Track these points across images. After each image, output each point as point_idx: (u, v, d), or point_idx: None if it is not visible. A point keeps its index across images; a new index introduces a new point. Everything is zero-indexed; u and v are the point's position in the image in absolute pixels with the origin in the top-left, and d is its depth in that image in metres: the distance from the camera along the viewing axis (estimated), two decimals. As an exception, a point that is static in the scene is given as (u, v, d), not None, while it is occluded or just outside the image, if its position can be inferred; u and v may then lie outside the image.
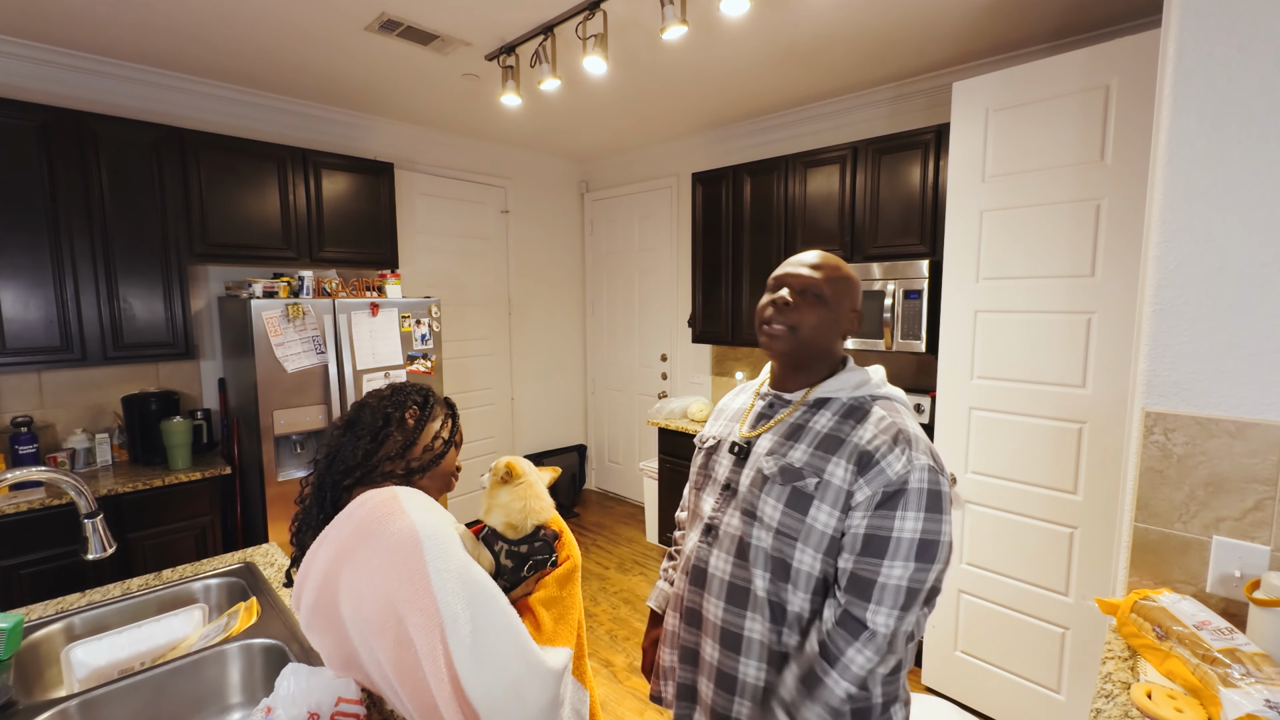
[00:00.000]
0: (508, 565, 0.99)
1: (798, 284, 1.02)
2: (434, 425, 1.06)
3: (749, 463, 1.04)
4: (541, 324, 4.55)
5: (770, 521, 0.97)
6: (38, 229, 2.31)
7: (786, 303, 1.01)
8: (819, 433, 0.99)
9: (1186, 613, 1.10)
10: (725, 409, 1.21)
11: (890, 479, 0.90)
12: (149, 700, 1.10)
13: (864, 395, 1.01)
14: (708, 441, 1.16)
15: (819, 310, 1.01)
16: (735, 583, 1.00)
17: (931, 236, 2.56)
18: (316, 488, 1.01)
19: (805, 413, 1.03)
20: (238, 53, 2.53)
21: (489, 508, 1.04)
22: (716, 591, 1.02)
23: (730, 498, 1.05)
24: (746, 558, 0.99)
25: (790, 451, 0.99)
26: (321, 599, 0.89)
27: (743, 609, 0.99)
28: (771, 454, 1.01)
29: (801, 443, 0.99)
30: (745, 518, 1.00)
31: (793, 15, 2.23)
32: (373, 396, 1.06)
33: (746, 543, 0.99)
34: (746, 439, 1.07)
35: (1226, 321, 1.16)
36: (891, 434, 0.93)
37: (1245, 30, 1.12)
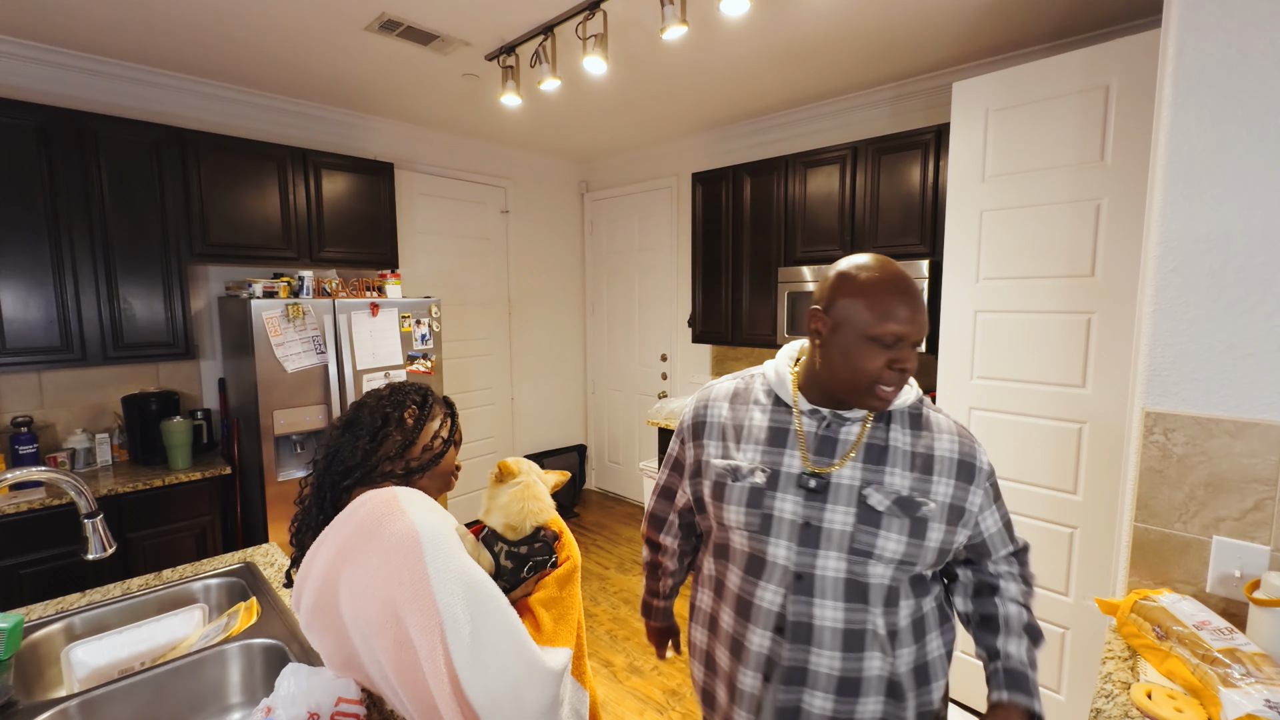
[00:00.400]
0: (508, 566, 0.99)
1: (915, 341, 0.92)
2: (433, 424, 1.06)
3: (835, 497, 0.95)
4: (541, 324, 4.55)
5: (894, 556, 0.92)
6: (38, 229, 2.31)
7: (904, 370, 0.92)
8: (906, 452, 0.96)
9: (1186, 613, 1.10)
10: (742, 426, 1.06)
11: (988, 472, 0.98)
12: (149, 700, 1.10)
13: (914, 401, 1.01)
14: (751, 477, 1.00)
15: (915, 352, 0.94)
16: (851, 628, 0.93)
17: (931, 236, 2.56)
18: (316, 488, 1.01)
19: (875, 430, 0.98)
20: (238, 53, 2.53)
21: (488, 508, 1.04)
22: (830, 644, 0.93)
23: (815, 538, 0.95)
24: (865, 599, 0.93)
25: (889, 478, 0.94)
26: (322, 599, 0.89)
27: (861, 651, 0.93)
28: (871, 484, 0.94)
29: (895, 466, 0.95)
30: (857, 558, 0.93)
31: (792, 15, 2.23)
32: (371, 396, 1.06)
33: (862, 583, 0.93)
34: (817, 471, 0.97)
35: (1226, 321, 1.16)
36: (966, 435, 0.99)
37: (1245, 30, 1.12)
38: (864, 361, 0.91)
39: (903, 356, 0.91)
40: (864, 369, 0.91)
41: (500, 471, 1.07)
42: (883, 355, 0.91)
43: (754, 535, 0.99)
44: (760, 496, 0.99)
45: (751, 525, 1.00)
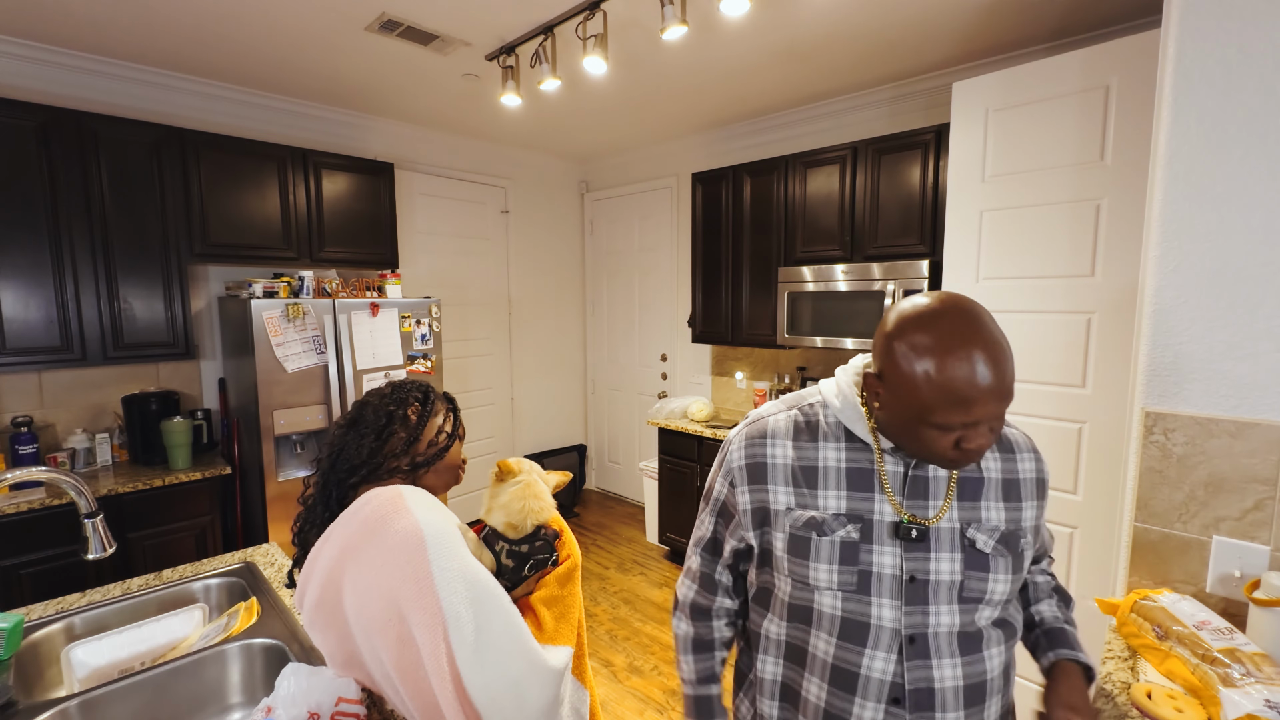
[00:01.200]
0: (509, 565, 0.99)
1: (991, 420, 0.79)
2: (436, 420, 1.07)
3: (936, 543, 0.85)
4: (541, 324, 4.55)
5: (1002, 596, 0.86)
6: (38, 229, 2.31)
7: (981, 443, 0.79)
8: (995, 481, 0.90)
9: (1186, 613, 1.10)
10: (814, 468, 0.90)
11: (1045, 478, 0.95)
12: (149, 700, 1.10)
13: None
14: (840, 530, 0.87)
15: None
16: (972, 682, 0.85)
17: (931, 236, 2.56)
18: (321, 486, 1.02)
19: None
20: (238, 53, 2.53)
21: (489, 507, 1.05)
22: (953, 704, 0.84)
23: (923, 593, 0.85)
24: (978, 647, 0.85)
25: (985, 514, 0.88)
26: (325, 597, 0.89)
27: (983, 703, 0.86)
28: (971, 524, 0.87)
29: (988, 499, 0.89)
30: (968, 606, 0.85)
31: (792, 15, 2.23)
32: (374, 395, 1.07)
33: (975, 632, 0.86)
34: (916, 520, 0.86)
35: (1226, 321, 1.16)
36: (1033, 449, 0.95)
37: (1245, 30, 1.12)
38: (929, 445, 0.80)
39: (972, 435, 0.78)
40: (924, 446, 0.80)
41: (500, 471, 1.07)
42: (949, 436, 0.78)
43: (849, 595, 0.86)
44: (855, 552, 0.86)
45: (847, 585, 0.86)
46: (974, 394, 0.75)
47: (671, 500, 3.58)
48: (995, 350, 0.78)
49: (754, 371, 3.75)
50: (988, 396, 0.76)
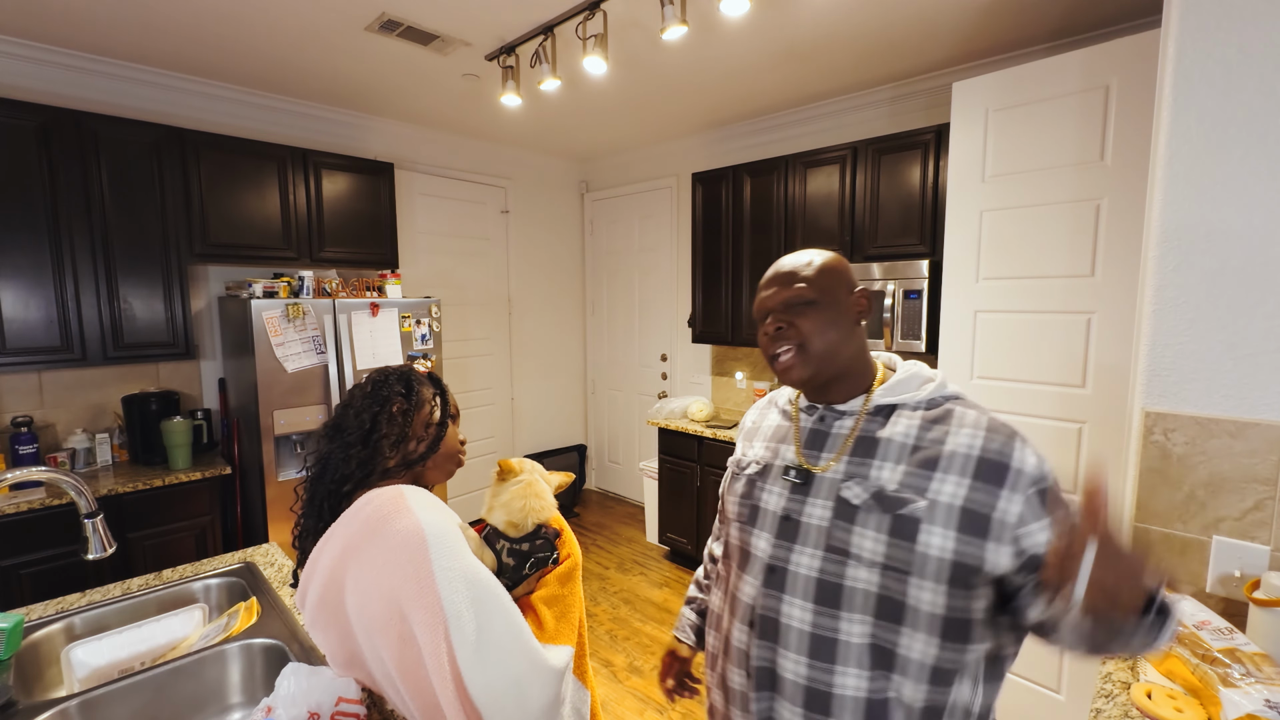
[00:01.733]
0: (509, 563, 0.99)
1: (777, 304, 0.93)
2: (423, 413, 1.03)
3: (816, 490, 0.90)
4: (541, 324, 4.55)
5: (873, 557, 0.83)
6: (38, 229, 2.31)
7: (779, 328, 0.91)
8: (903, 445, 0.87)
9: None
10: (759, 428, 1.07)
11: (1034, 475, 0.80)
12: (149, 700, 1.10)
13: (935, 396, 0.91)
14: (749, 467, 1.01)
15: (813, 315, 0.90)
16: (820, 634, 0.85)
17: (931, 236, 2.56)
18: (309, 500, 0.99)
19: (870, 423, 0.91)
20: (238, 53, 2.53)
21: (491, 506, 1.05)
22: (795, 646, 0.86)
23: (793, 532, 0.90)
24: (836, 603, 0.85)
25: (874, 472, 0.87)
26: (327, 596, 0.89)
27: (831, 663, 0.84)
28: (852, 478, 0.88)
29: (884, 460, 0.87)
30: (832, 556, 0.86)
31: (793, 15, 2.23)
32: (356, 395, 1.03)
33: (835, 585, 0.85)
34: (804, 465, 0.93)
35: (1226, 321, 1.16)
36: (1003, 431, 0.84)
37: (1245, 30, 1.12)
38: (760, 340, 0.96)
39: (768, 327, 0.93)
40: (762, 348, 0.96)
41: (502, 470, 1.07)
42: (760, 330, 0.96)
43: (743, 526, 0.98)
44: (752, 487, 0.99)
45: (742, 515, 0.99)
46: (766, 276, 0.97)
47: (671, 500, 3.58)
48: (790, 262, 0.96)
49: (754, 371, 3.75)
50: (775, 277, 0.95)
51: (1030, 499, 0.80)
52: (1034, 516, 0.79)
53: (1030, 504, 0.79)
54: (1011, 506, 0.79)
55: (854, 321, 0.93)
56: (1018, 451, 0.82)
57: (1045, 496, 0.80)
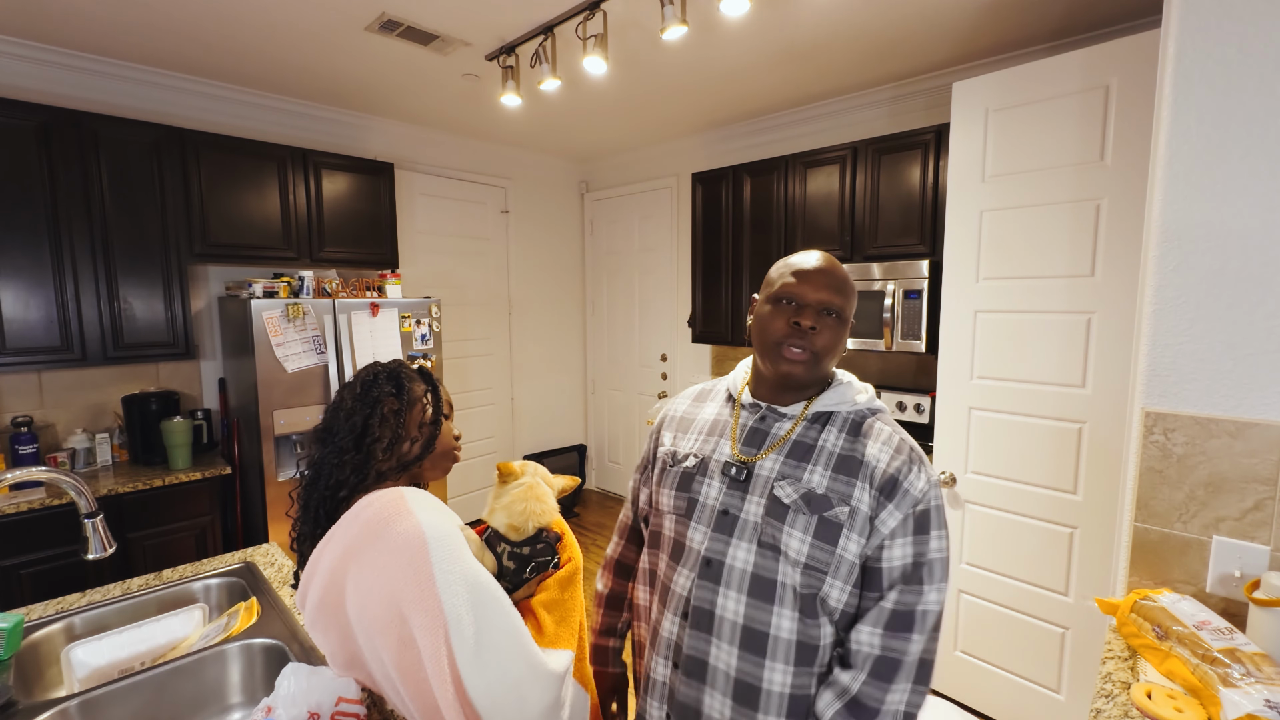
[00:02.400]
0: (510, 567, 0.99)
1: (819, 304, 0.92)
2: (415, 412, 1.00)
3: (753, 487, 0.93)
4: (541, 324, 4.55)
5: (798, 556, 0.87)
6: (38, 229, 2.31)
7: (810, 327, 0.91)
8: (831, 453, 0.92)
9: (1186, 613, 1.10)
10: (691, 419, 1.08)
11: (916, 498, 0.88)
12: (149, 700, 1.10)
13: (864, 409, 0.97)
14: (686, 461, 1.02)
15: (836, 331, 0.93)
16: (751, 626, 0.88)
17: (931, 236, 2.56)
18: (304, 506, 0.98)
19: (808, 429, 0.95)
20: (238, 53, 2.53)
21: (492, 509, 1.04)
22: (729, 637, 0.90)
23: (731, 526, 0.93)
24: (770, 598, 0.88)
25: (806, 475, 0.91)
26: (327, 597, 0.89)
27: (760, 656, 0.88)
28: (785, 478, 0.92)
29: (815, 465, 0.91)
30: (765, 551, 0.90)
31: (793, 15, 2.23)
32: (345, 396, 1.00)
33: (769, 580, 0.89)
34: (743, 460, 0.96)
35: (1226, 321, 1.16)
36: (905, 452, 0.90)
37: (1245, 30, 1.12)
38: (768, 323, 0.95)
39: (801, 314, 0.92)
40: (767, 330, 0.95)
41: (502, 473, 1.07)
42: (784, 315, 0.94)
43: (679, 519, 0.99)
44: (690, 481, 1.00)
45: (679, 509, 1.00)
46: (806, 265, 0.95)
47: (671, 500, 3.58)
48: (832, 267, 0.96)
49: (754, 371, 3.75)
50: (817, 273, 0.94)
51: (908, 517, 0.87)
52: (902, 533, 0.87)
53: (905, 522, 0.87)
54: (889, 520, 0.87)
55: (845, 344, 0.98)
56: (915, 475, 0.89)
57: (923, 521, 0.88)
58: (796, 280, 0.94)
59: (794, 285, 0.94)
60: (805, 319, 0.92)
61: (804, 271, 0.95)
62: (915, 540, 0.87)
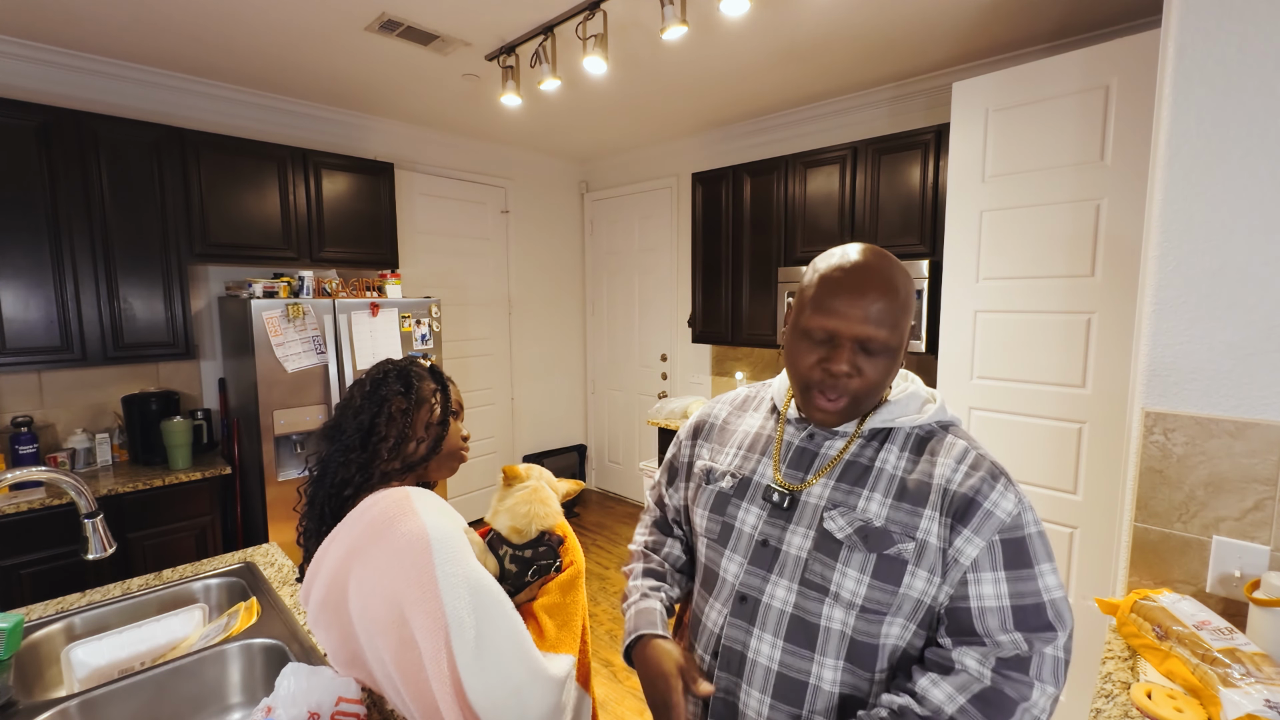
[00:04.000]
0: (512, 570, 0.99)
1: (857, 340, 0.76)
2: (423, 412, 1.00)
3: (799, 516, 0.81)
4: (541, 324, 4.55)
5: (853, 599, 0.75)
6: (38, 229, 2.31)
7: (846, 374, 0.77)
8: (893, 476, 0.79)
9: (1186, 613, 1.10)
10: (730, 430, 0.96)
11: (1004, 522, 0.73)
12: (149, 700, 1.10)
13: (932, 422, 0.82)
14: (721, 481, 0.90)
15: (881, 362, 0.77)
16: (788, 674, 0.78)
17: (931, 236, 2.56)
18: (310, 503, 0.98)
19: (864, 448, 0.82)
20: (238, 53, 2.53)
21: (496, 510, 1.04)
22: (760, 684, 0.79)
23: (770, 560, 0.82)
24: (810, 644, 0.77)
25: (861, 503, 0.78)
26: (330, 596, 0.89)
27: (797, 708, 0.77)
28: (836, 507, 0.79)
29: (873, 490, 0.78)
30: (809, 591, 0.78)
31: (793, 15, 2.23)
32: (355, 394, 1.00)
33: (811, 624, 0.77)
34: (786, 486, 0.84)
35: (1226, 321, 1.16)
36: (984, 468, 0.76)
37: (1245, 30, 1.12)
38: (796, 358, 0.81)
39: (833, 357, 0.77)
40: (795, 366, 0.81)
41: (507, 476, 1.06)
42: (814, 353, 0.79)
43: (712, 544, 0.89)
44: (725, 504, 0.88)
45: (711, 533, 0.89)
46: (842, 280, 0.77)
47: (671, 500, 3.58)
48: (875, 277, 0.77)
49: (754, 371, 3.75)
50: (856, 294, 0.76)
51: (993, 546, 0.73)
52: (990, 566, 0.73)
53: (990, 552, 0.73)
54: (968, 548, 0.73)
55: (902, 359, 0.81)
56: (996, 494, 0.74)
57: (1014, 551, 0.73)
58: (828, 306, 0.77)
59: (823, 317, 0.77)
60: (837, 364, 0.76)
61: (838, 289, 0.77)
62: (1013, 576, 0.72)
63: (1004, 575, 0.72)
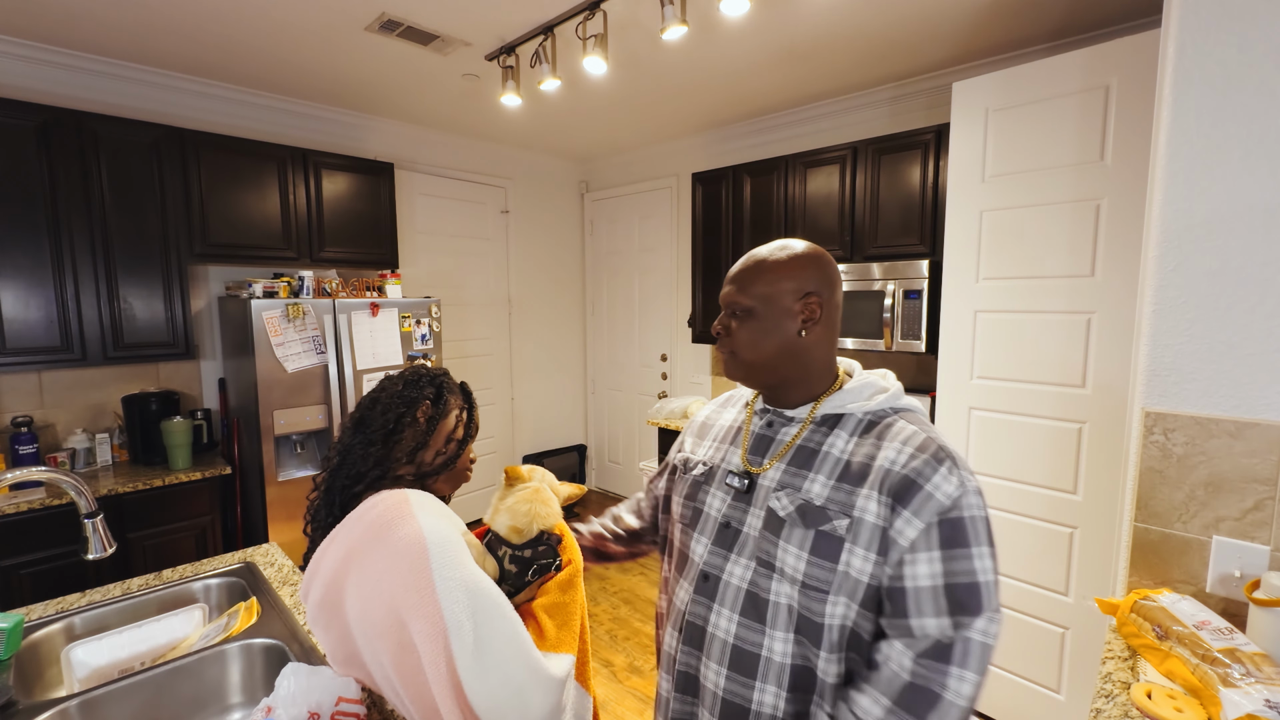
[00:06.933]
0: (511, 570, 0.98)
1: (726, 305, 0.92)
2: (447, 423, 1.03)
3: (756, 499, 0.88)
4: (541, 324, 4.55)
5: (794, 574, 0.80)
6: (38, 229, 2.31)
7: (720, 331, 0.91)
8: (838, 459, 0.83)
9: (1186, 613, 1.10)
10: (711, 425, 1.05)
11: (944, 504, 0.75)
12: (149, 700, 1.10)
13: (884, 408, 0.86)
14: (695, 468, 0.99)
15: (749, 325, 0.88)
16: (741, 646, 0.84)
17: (931, 236, 2.56)
18: (325, 491, 0.99)
19: (815, 433, 0.88)
20: (238, 53, 2.53)
21: (496, 510, 1.04)
22: (718, 657, 0.86)
23: (731, 540, 0.88)
24: (762, 617, 0.83)
25: (806, 484, 0.84)
26: (329, 597, 0.89)
27: (750, 678, 0.83)
28: (783, 488, 0.85)
29: (818, 472, 0.84)
30: (760, 569, 0.84)
31: (793, 15, 2.23)
32: (386, 390, 1.03)
33: (762, 599, 0.83)
34: (748, 470, 0.91)
35: (1226, 321, 1.16)
36: (930, 451, 0.78)
37: (1245, 30, 1.12)
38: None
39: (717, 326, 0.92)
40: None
41: (509, 477, 1.06)
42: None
43: (684, 529, 0.97)
44: (697, 490, 0.97)
45: (685, 518, 0.97)
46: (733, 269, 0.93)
47: (671, 500, 3.58)
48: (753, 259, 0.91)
49: (754, 371, 3.75)
50: (732, 274, 0.92)
51: (931, 527, 0.74)
52: (926, 547, 0.74)
53: (927, 534, 0.74)
54: (908, 529, 0.75)
55: (797, 331, 0.87)
56: (938, 476, 0.76)
57: (950, 533, 0.74)
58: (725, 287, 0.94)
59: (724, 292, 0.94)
60: (718, 324, 0.93)
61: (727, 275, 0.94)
62: (948, 556, 0.74)
63: (939, 555, 0.74)
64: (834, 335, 0.91)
